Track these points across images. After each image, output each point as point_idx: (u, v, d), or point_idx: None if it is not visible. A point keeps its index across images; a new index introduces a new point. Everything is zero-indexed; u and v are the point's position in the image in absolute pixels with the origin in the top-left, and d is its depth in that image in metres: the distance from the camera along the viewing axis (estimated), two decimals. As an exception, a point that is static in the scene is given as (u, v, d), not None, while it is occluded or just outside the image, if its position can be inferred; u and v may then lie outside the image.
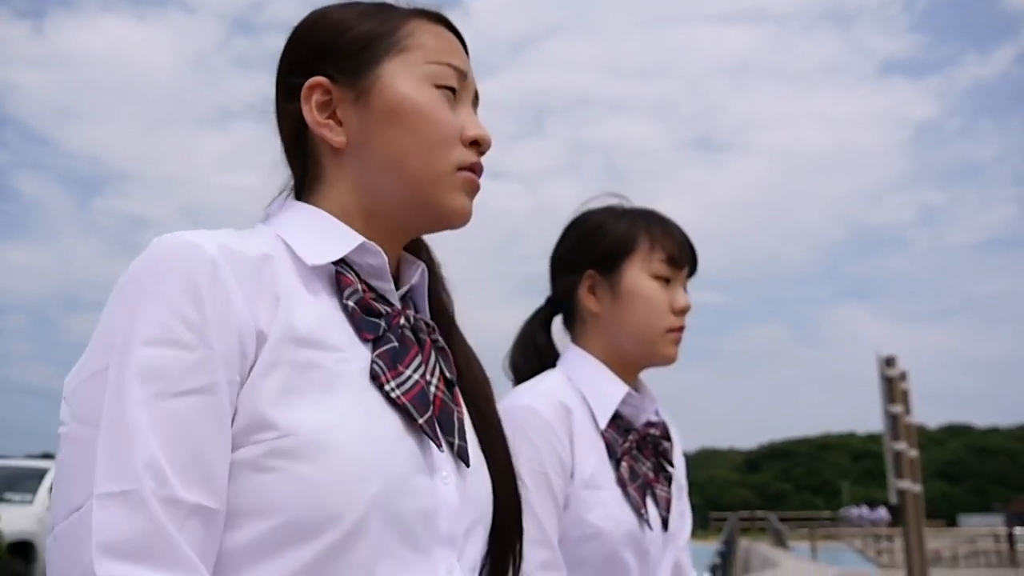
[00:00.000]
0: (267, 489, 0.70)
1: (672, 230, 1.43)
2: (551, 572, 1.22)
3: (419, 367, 0.84)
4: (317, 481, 0.70)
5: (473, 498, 0.85)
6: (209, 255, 0.74)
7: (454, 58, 0.90)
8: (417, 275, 0.92)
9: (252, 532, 0.70)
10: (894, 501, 7.40)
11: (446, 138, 0.87)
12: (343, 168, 0.88)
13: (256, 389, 0.72)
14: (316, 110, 0.87)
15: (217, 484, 0.69)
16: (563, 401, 1.32)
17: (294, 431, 0.71)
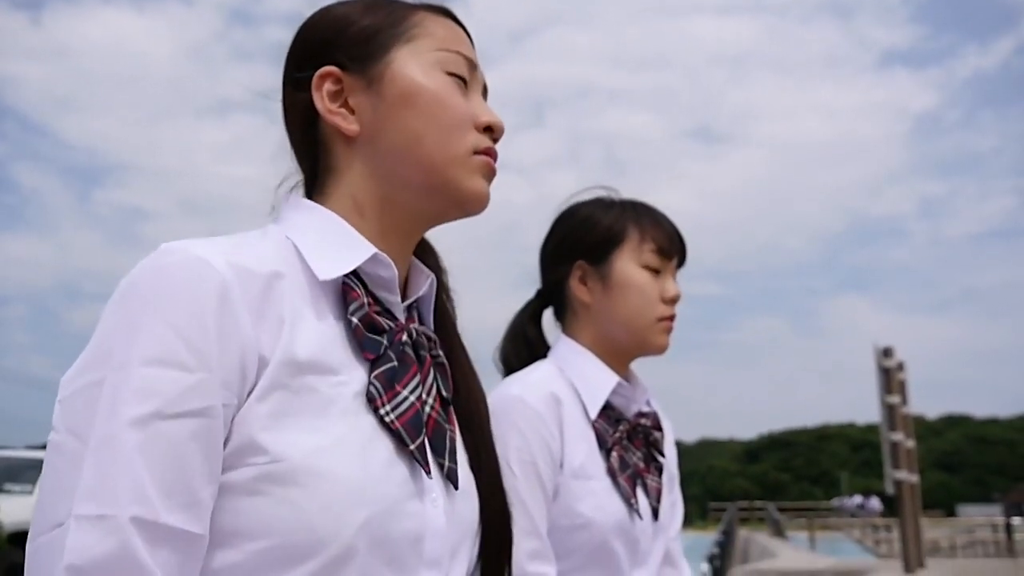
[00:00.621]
0: (257, 512, 0.70)
1: (661, 221, 1.44)
2: (540, 562, 1.24)
3: (416, 387, 0.83)
4: (306, 506, 0.70)
5: (460, 519, 0.85)
6: (219, 274, 0.72)
7: (463, 48, 0.90)
8: (426, 286, 0.91)
9: (241, 553, 0.70)
10: (891, 491, 7.43)
11: (460, 122, 0.87)
12: (356, 157, 0.87)
13: (252, 413, 0.71)
14: (328, 99, 0.87)
15: (202, 508, 0.68)
16: (553, 392, 1.33)
17: (284, 457, 0.71)
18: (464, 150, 0.86)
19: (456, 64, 0.88)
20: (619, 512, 1.32)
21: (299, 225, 0.86)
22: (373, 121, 0.86)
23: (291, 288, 0.78)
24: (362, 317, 0.81)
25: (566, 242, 1.46)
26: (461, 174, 0.86)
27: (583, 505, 1.29)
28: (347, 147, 0.88)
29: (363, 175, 0.87)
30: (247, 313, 0.73)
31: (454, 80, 0.88)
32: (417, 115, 0.85)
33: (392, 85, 0.86)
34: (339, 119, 0.87)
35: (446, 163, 0.86)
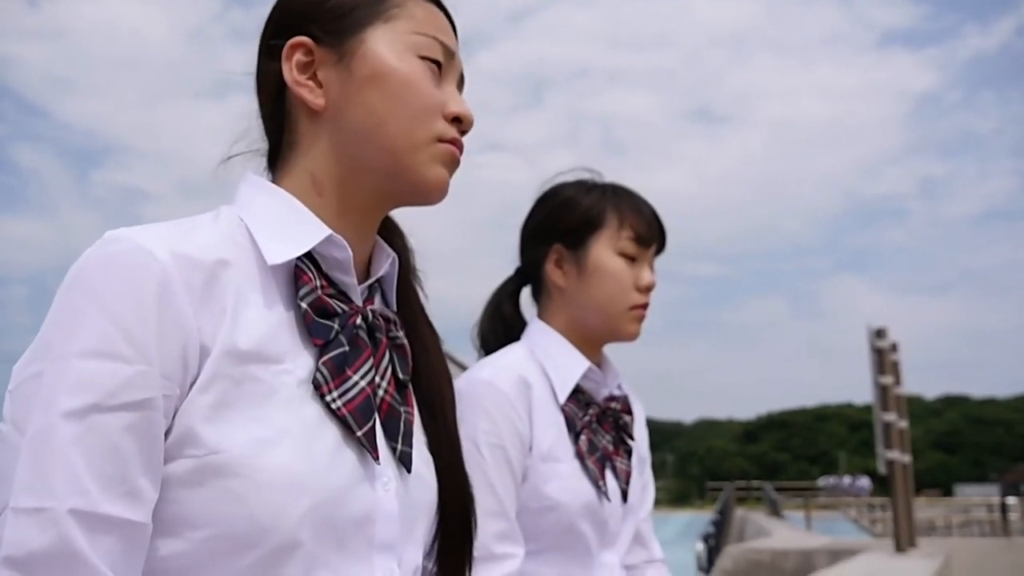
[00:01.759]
0: (199, 503, 0.70)
1: (641, 208, 1.44)
2: (507, 543, 1.25)
3: (369, 371, 0.82)
4: (246, 497, 0.70)
5: (414, 502, 0.85)
6: (160, 265, 0.72)
7: (442, 34, 0.88)
8: (387, 266, 0.91)
9: (187, 542, 0.71)
10: (883, 471, 7.46)
11: (427, 108, 0.85)
12: (320, 132, 0.86)
13: (193, 404, 0.71)
14: (296, 70, 0.85)
15: (144, 497, 0.69)
16: (523, 375, 1.34)
17: (223, 449, 0.71)
18: (428, 137, 0.85)
19: (432, 49, 0.87)
20: (587, 494, 1.33)
21: (253, 206, 0.85)
22: (340, 97, 0.85)
23: (238, 275, 0.77)
24: (312, 302, 0.80)
25: (545, 224, 1.46)
26: (422, 161, 0.85)
27: (551, 487, 1.31)
28: (311, 122, 0.87)
29: (324, 152, 0.86)
30: (189, 303, 0.72)
31: (427, 65, 0.86)
32: (384, 97, 0.84)
33: (363, 63, 0.85)
34: (305, 91, 0.85)
35: (408, 148, 0.85)
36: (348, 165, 0.86)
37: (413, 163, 0.85)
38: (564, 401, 1.37)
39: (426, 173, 0.86)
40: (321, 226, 0.83)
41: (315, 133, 0.86)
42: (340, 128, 0.85)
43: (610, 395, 1.45)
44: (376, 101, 0.84)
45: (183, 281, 0.73)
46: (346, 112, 0.85)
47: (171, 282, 0.72)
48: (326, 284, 0.83)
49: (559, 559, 1.33)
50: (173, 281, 0.72)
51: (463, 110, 0.88)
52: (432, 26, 0.88)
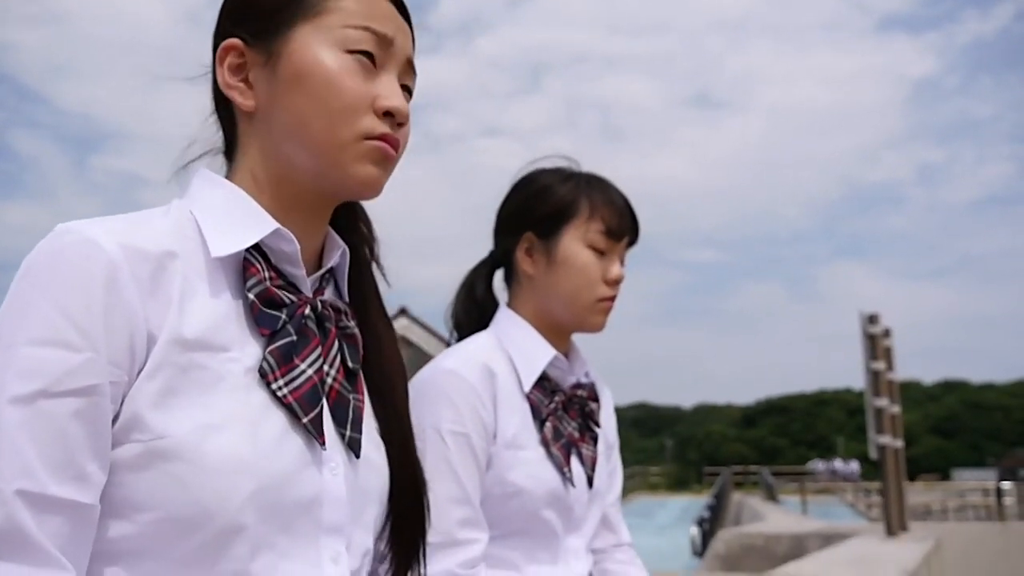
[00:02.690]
0: (145, 486, 0.73)
1: (614, 200, 1.44)
2: (471, 529, 1.27)
3: (316, 360, 0.84)
4: (191, 481, 0.73)
5: (364, 487, 0.88)
6: (108, 256, 0.74)
7: (377, 22, 0.87)
8: (336, 257, 0.92)
9: (134, 524, 0.73)
10: (874, 456, 7.50)
11: (351, 106, 0.85)
12: (254, 133, 0.88)
13: (140, 391, 0.74)
14: (228, 73, 0.87)
15: (91, 480, 0.71)
16: (487, 364, 1.36)
17: (168, 434, 0.73)
18: (352, 135, 0.85)
19: (362, 42, 0.86)
20: (552, 480, 1.35)
21: (203, 200, 0.87)
22: (267, 99, 0.86)
23: (186, 267, 0.80)
24: (260, 293, 0.82)
25: (518, 211, 1.47)
26: (347, 160, 0.85)
27: (516, 474, 1.33)
28: (247, 122, 0.89)
29: (260, 152, 0.88)
30: (136, 293, 0.75)
31: (356, 59, 0.86)
32: (306, 97, 0.84)
33: (287, 64, 0.85)
34: (236, 93, 0.87)
35: (332, 148, 0.85)
36: (281, 165, 0.87)
37: (339, 163, 0.86)
38: (529, 389, 1.38)
39: (353, 172, 0.86)
40: (268, 220, 0.85)
41: (251, 133, 0.89)
42: (270, 129, 0.87)
43: (577, 383, 1.47)
44: (298, 101, 0.85)
45: (130, 272, 0.75)
46: (274, 113, 0.86)
47: (118, 273, 0.74)
48: (275, 276, 0.85)
49: (525, 544, 1.36)
50: (120, 272, 0.74)
51: (393, 103, 0.86)
52: (365, 16, 0.87)
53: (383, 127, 0.86)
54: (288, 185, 0.88)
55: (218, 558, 0.74)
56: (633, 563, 1.56)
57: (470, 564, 1.25)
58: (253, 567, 0.76)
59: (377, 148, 0.86)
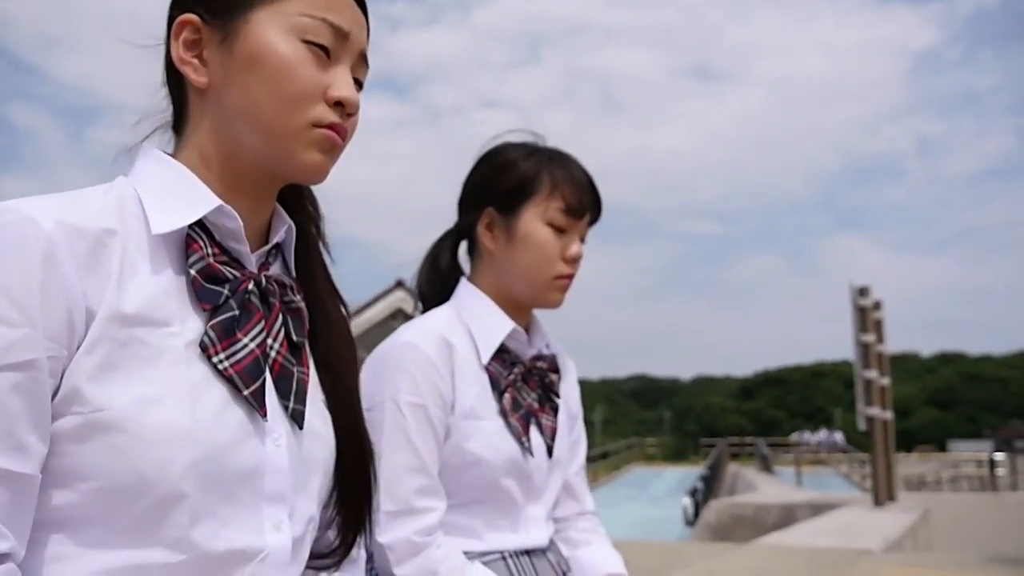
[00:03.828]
0: (86, 456, 0.75)
1: (576, 178, 1.45)
2: (428, 497, 1.30)
3: (259, 334, 0.86)
4: (130, 451, 0.75)
5: (308, 457, 0.90)
6: (46, 233, 0.75)
7: (334, 14, 0.89)
8: (282, 233, 0.94)
9: (77, 493, 0.76)
10: (863, 427, 7.57)
11: (303, 94, 0.86)
12: (205, 109, 0.89)
13: (79, 365, 0.76)
14: (183, 47, 0.88)
15: (31, 452, 0.73)
16: (445, 336, 1.38)
17: (107, 406, 0.75)
18: (302, 123, 0.87)
19: (318, 32, 0.87)
20: (510, 450, 1.38)
21: (147, 178, 0.88)
22: (221, 77, 0.87)
23: (125, 243, 0.81)
24: (201, 269, 0.84)
25: (481, 186, 1.48)
26: (295, 146, 0.87)
27: (474, 444, 1.35)
28: (199, 99, 0.90)
29: (210, 129, 0.89)
30: (74, 270, 0.77)
31: (310, 48, 0.87)
32: (259, 81, 0.86)
33: (243, 45, 0.86)
34: (189, 69, 0.88)
35: (281, 134, 0.87)
36: (230, 143, 0.89)
37: (287, 148, 0.87)
38: (487, 361, 1.41)
39: (301, 158, 0.88)
40: (211, 197, 0.86)
41: (202, 110, 0.90)
42: (222, 107, 0.88)
43: (537, 355, 1.49)
44: (252, 84, 0.86)
45: (68, 249, 0.77)
46: (226, 92, 0.87)
47: (55, 250, 0.76)
48: (219, 252, 0.87)
49: (485, 511, 1.39)
50: (58, 249, 0.76)
51: (344, 94, 0.88)
52: (322, 6, 0.88)
53: (333, 116, 0.88)
54: (235, 163, 0.89)
55: (159, 525, 0.77)
56: (596, 531, 1.59)
57: (427, 532, 1.28)
58: (194, 534, 0.78)
59: (325, 136, 0.88)
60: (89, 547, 0.76)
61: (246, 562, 0.82)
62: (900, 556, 4.40)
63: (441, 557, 1.27)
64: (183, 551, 0.78)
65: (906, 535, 5.81)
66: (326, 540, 0.99)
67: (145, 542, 0.77)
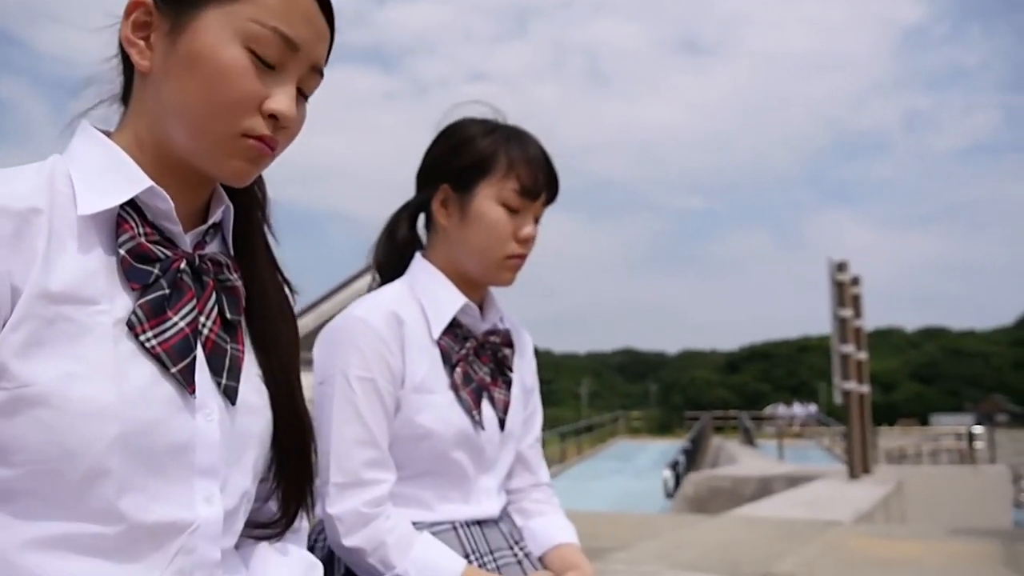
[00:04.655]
0: (13, 431, 0.77)
1: (533, 159, 1.45)
2: (376, 469, 1.33)
3: (191, 312, 0.88)
4: (55, 426, 0.77)
5: (242, 432, 0.92)
6: None
7: (288, 23, 0.87)
8: (219, 214, 0.95)
9: (7, 466, 0.78)
10: (838, 401, 7.66)
11: (237, 104, 0.86)
12: (145, 93, 0.89)
13: (5, 342, 0.77)
14: (132, 27, 0.88)
15: None
16: (395, 311, 1.40)
17: (33, 382, 0.77)
18: (232, 131, 0.86)
19: (265, 41, 0.86)
20: (461, 423, 1.40)
21: (80, 157, 0.89)
22: (162, 67, 0.87)
23: (53, 222, 0.82)
24: (131, 248, 0.85)
25: (438, 162, 1.49)
26: (221, 152, 0.87)
27: (424, 417, 1.38)
28: (141, 81, 0.90)
29: (146, 113, 0.89)
30: None
31: (252, 57, 0.86)
32: (195, 83, 0.85)
33: (187, 42, 0.85)
34: (134, 51, 0.88)
35: (209, 138, 0.87)
36: (161, 132, 0.89)
37: (212, 153, 0.87)
38: (438, 335, 1.43)
39: (224, 164, 0.88)
40: (142, 178, 0.87)
41: (142, 93, 0.90)
42: (158, 96, 0.88)
43: (491, 329, 1.51)
44: (188, 84, 0.85)
45: None
46: (164, 83, 0.87)
47: None
48: (151, 232, 0.88)
49: (436, 483, 1.41)
50: None
51: (281, 108, 0.87)
52: (278, 15, 0.87)
53: (264, 129, 0.88)
54: (167, 151, 0.90)
55: (87, 498, 0.79)
56: (550, 502, 1.61)
57: (376, 503, 1.31)
58: (122, 506, 0.81)
59: (253, 147, 0.88)
60: (21, 518, 0.78)
61: (176, 534, 0.84)
62: (867, 527, 4.48)
63: (389, 528, 1.30)
64: (112, 523, 0.80)
65: (878, 507, 5.89)
66: (268, 510, 1.01)
67: (75, 514, 0.79)
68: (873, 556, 3.19)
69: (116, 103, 0.96)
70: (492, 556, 1.41)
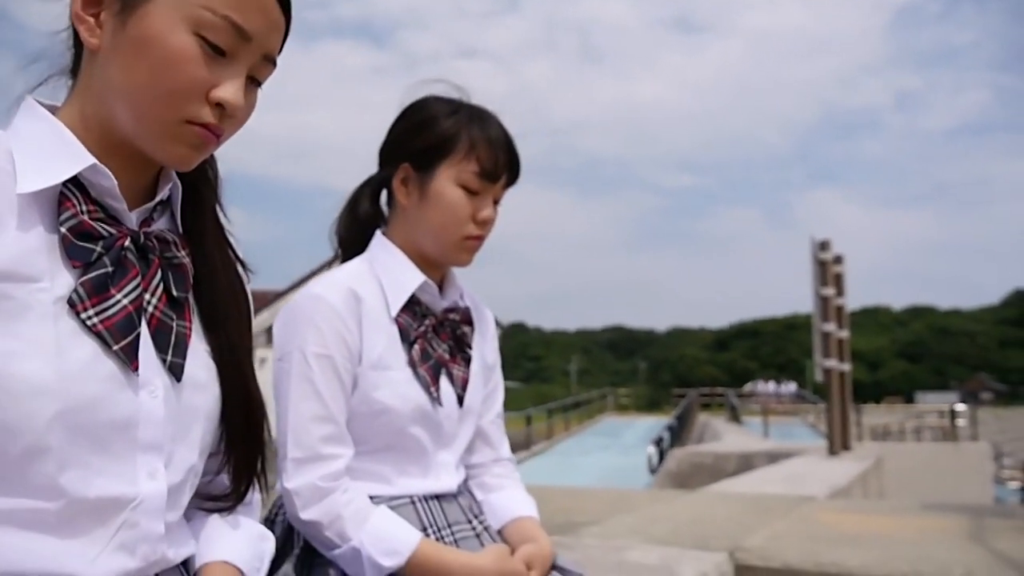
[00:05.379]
0: None
1: (494, 142, 1.46)
2: (334, 445, 1.35)
3: (135, 290, 0.88)
4: None
5: (188, 408, 0.93)
6: None
7: (239, 13, 0.87)
8: (166, 191, 0.95)
9: None
10: (819, 379, 7.74)
11: (183, 91, 0.85)
12: (92, 70, 0.89)
13: None
14: (82, 3, 0.87)
15: None
16: (353, 289, 1.41)
17: None
18: (176, 118, 0.86)
19: (216, 29, 0.86)
20: (418, 399, 1.42)
21: (22, 133, 0.88)
22: (110, 47, 0.86)
23: None
24: (73, 226, 0.85)
25: (400, 140, 1.50)
26: (164, 137, 0.87)
27: (381, 393, 1.40)
28: (90, 57, 0.89)
29: (92, 91, 0.89)
30: None
31: (202, 45, 0.86)
32: (142, 67, 0.85)
33: (136, 25, 0.85)
34: (83, 27, 0.87)
35: (153, 123, 0.87)
36: (107, 111, 0.89)
37: (155, 137, 0.87)
38: (396, 313, 1.45)
39: (167, 149, 0.89)
40: (85, 155, 0.87)
41: (90, 71, 0.90)
42: (105, 75, 0.87)
43: (451, 307, 1.52)
44: (135, 67, 0.85)
45: None
46: (111, 63, 0.87)
47: None
48: (95, 209, 0.88)
49: (394, 458, 1.44)
50: None
51: (228, 97, 0.87)
52: (231, 4, 0.86)
53: (209, 117, 0.88)
54: (112, 130, 0.90)
55: (26, 474, 0.80)
56: (510, 476, 1.63)
57: (333, 477, 1.33)
58: (63, 482, 0.82)
59: (197, 134, 0.88)
60: None
61: (119, 509, 0.86)
62: (840, 503, 4.54)
63: (346, 501, 1.32)
64: (53, 498, 0.81)
65: (855, 483, 5.96)
66: (221, 484, 1.03)
67: (16, 490, 0.80)
68: (842, 530, 3.23)
69: (65, 76, 0.95)
70: (450, 530, 1.44)
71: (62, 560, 0.82)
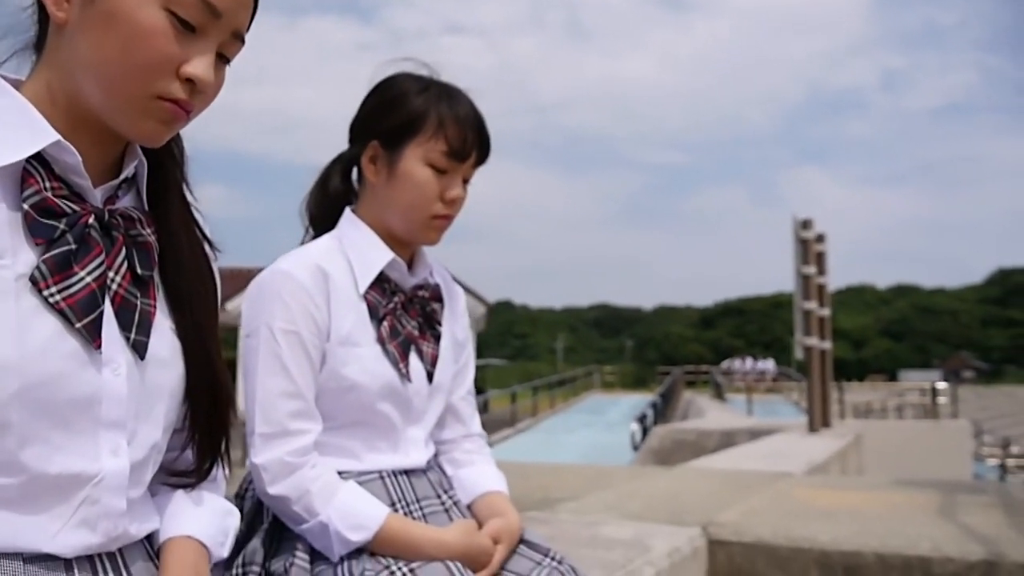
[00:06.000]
0: None
1: (463, 121, 1.45)
2: (302, 420, 1.36)
3: (98, 267, 0.88)
4: None
5: (152, 385, 0.93)
6: None
7: None
8: (131, 168, 0.95)
9: None
10: (800, 356, 7.80)
11: (153, 67, 0.85)
12: (60, 46, 0.88)
13: None
14: None
15: None
16: (321, 266, 1.42)
17: None
18: (146, 93, 0.86)
19: (185, 5, 0.86)
20: (387, 375, 1.43)
21: None
22: (78, 21, 0.86)
23: None
24: (36, 203, 0.84)
25: (369, 118, 1.50)
26: (133, 112, 0.87)
27: (349, 369, 1.41)
28: (56, 31, 0.89)
29: (60, 66, 0.88)
30: None
31: (172, 20, 0.86)
32: (111, 42, 0.85)
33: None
34: (50, 1, 0.87)
35: (122, 98, 0.86)
36: (74, 86, 0.88)
37: (125, 112, 0.87)
38: (365, 290, 1.45)
39: (136, 125, 0.88)
40: (49, 132, 0.86)
41: (57, 45, 0.89)
42: (73, 50, 0.87)
43: (420, 284, 1.53)
44: (104, 42, 0.85)
45: None
46: (79, 38, 0.86)
47: None
48: (59, 186, 0.88)
49: (363, 433, 1.45)
50: None
51: (198, 73, 0.87)
52: None
53: (180, 92, 0.88)
54: (80, 106, 0.89)
55: None
56: (480, 452, 1.65)
57: (300, 452, 1.34)
58: (24, 458, 0.82)
59: (167, 110, 0.88)
60: None
61: (81, 485, 0.86)
62: (816, 479, 4.59)
63: (314, 476, 1.33)
64: (14, 474, 0.82)
65: (833, 460, 6.03)
66: (186, 460, 1.04)
67: None
68: (816, 506, 3.28)
69: (29, 51, 0.95)
70: (419, 505, 1.45)
71: (23, 535, 0.83)
